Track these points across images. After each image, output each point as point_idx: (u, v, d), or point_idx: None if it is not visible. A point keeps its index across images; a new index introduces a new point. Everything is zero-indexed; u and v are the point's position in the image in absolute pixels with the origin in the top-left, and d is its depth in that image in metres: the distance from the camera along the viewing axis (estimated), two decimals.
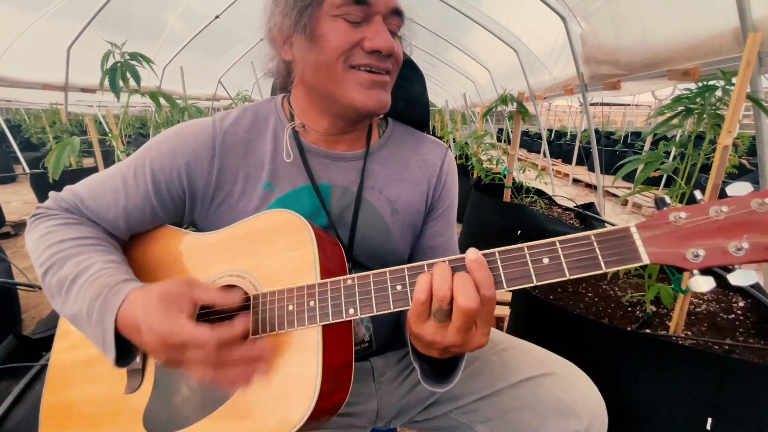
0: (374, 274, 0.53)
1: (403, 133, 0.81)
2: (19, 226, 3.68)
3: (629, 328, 1.22)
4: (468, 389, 0.74)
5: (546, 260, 0.47)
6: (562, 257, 0.46)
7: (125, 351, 0.53)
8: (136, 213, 0.66)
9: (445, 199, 0.80)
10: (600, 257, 0.45)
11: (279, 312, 0.55)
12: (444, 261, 0.49)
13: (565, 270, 0.46)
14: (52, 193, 0.67)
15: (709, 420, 0.93)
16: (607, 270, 0.45)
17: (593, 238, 0.45)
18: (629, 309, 1.35)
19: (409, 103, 0.83)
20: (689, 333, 1.18)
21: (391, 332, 0.80)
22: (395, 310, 0.51)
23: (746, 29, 1.34)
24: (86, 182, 0.68)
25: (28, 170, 5.35)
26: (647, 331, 1.22)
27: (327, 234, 0.63)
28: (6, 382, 0.98)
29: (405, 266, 0.52)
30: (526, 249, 0.47)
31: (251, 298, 0.58)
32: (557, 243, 0.47)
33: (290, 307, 0.55)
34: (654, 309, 1.32)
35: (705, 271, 0.43)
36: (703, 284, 0.42)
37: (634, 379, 1.05)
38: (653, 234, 0.44)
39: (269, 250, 0.60)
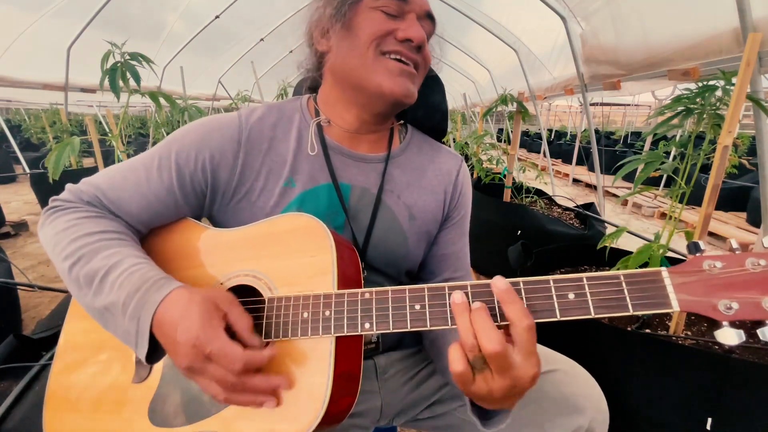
0: (393, 290, 0.52)
1: (421, 141, 0.82)
2: (19, 226, 3.68)
3: (629, 328, 1.22)
4: None
5: (572, 296, 0.46)
6: (588, 295, 0.45)
7: (152, 348, 0.53)
8: (158, 206, 0.65)
9: (460, 209, 0.81)
10: (628, 299, 0.44)
11: (293, 318, 0.55)
12: (467, 286, 0.49)
13: (591, 308, 0.45)
14: (69, 186, 0.66)
15: (709, 420, 0.93)
16: (635, 313, 0.44)
17: (623, 278, 0.44)
18: None
19: (429, 110, 0.84)
20: (689, 333, 1.18)
21: (398, 335, 0.80)
22: (412, 329, 0.50)
23: (746, 29, 1.34)
24: (106, 175, 0.67)
25: (28, 170, 5.35)
26: (647, 331, 1.22)
27: (345, 239, 0.63)
28: (6, 382, 0.98)
29: (425, 285, 0.51)
30: (552, 282, 0.46)
31: (266, 300, 0.57)
32: (584, 279, 0.46)
33: (305, 315, 0.54)
34: None
35: (735, 324, 0.42)
36: (733, 337, 0.42)
37: (635, 378, 1.05)
38: (685, 281, 0.43)
39: (287, 254, 0.59)
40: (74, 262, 0.56)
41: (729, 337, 0.42)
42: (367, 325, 0.52)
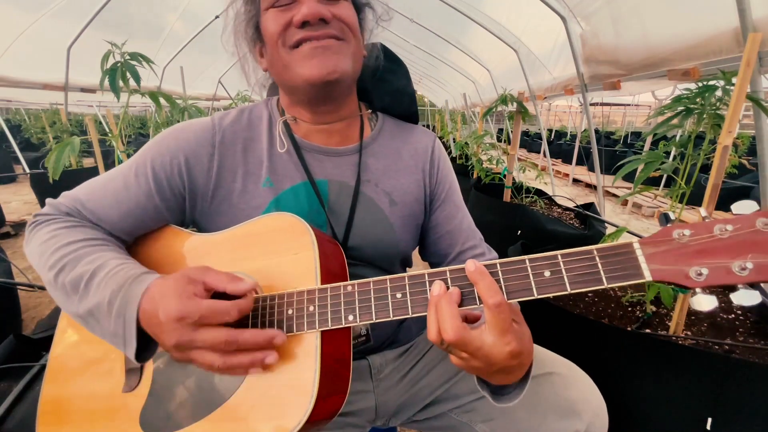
0: (374, 281, 0.53)
1: (392, 125, 0.82)
2: (19, 226, 3.68)
3: (629, 328, 1.22)
4: (468, 388, 0.74)
5: (547, 273, 0.46)
6: (563, 271, 0.46)
7: (144, 346, 0.53)
8: (139, 213, 0.66)
9: (444, 183, 0.81)
10: (602, 272, 0.45)
11: (278, 316, 0.55)
12: (445, 272, 0.50)
13: (567, 284, 0.46)
14: (48, 200, 0.67)
15: (709, 420, 0.93)
16: (609, 285, 0.44)
17: (596, 252, 0.45)
18: (629, 309, 1.35)
19: (395, 95, 0.83)
20: (689, 333, 1.18)
21: (389, 328, 0.80)
22: (394, 318, 0.51)
23: (746, 29, 1.34)
24: (85, 187, 0.68)
25: (28, 170, 5.35)
26: (647, 331, 1.22)
27: (327, 235, 0.64)
28: (6, 382, 0.98)
29: (406, 275, 0.52)
30: (527, 261, 0.47)
31: None
32: (559, 257, 0.47)
33: (290, 312, 0.55)
34: (654, 309, 1.32)
35: (707, 290, 0.43)
36: (706, 303, 0.43)
37: (635, 379, 1.05)
38: (656, 251, 0.43)
39: (270, 253, 0.60)
40: (59, 271, 0.57)
41: (703, 303, 0.43)
42: (350, 317, 0.52)
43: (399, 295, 0.51)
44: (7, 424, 0.82)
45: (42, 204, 4.39)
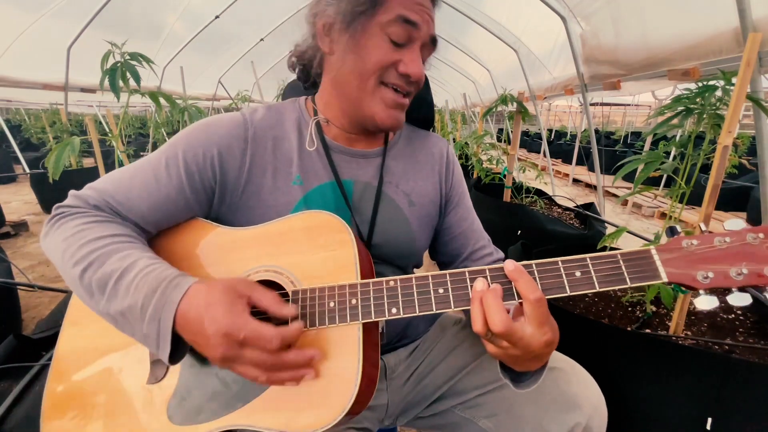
0: (416, 277, 0.56)
1: (409, 131, 0.86)
2: (19, 226, 3.68)
3: (629, 328, 1.22)
4: (472, 384, 0.75)
5: (578, 273, 0.53)
6: (592, 272, 0.52)
7: (174, 347, 0.52)
8: (169, 206, 0.65)
9: (457, 187, 0.85)
10: (626, 274, 0.51)
11: (320, 309, 0.56)
12: (485, 270, 0.55)
13: (595, 283, 0.52)
14: (73, 192, 0.64)
15: (709, 420, 0.93)
16: (632, 285, 0.51)
17: (619, 257, 0.52)
18: (629, 309, 1.35)
19: (417, 103, 0.85)
20: (689, 333, 1.18)
21: (398, 326, 0.81)
22: (437, 311, 0.55)
23: (746, 29, 1.34)
24: (111, 179, 0.65)
25: (28, 170, 5.35)
26: (647, 331, 1.22)
27: (358, 237, 0.65)
28: (6, 382, 0.98)
29: (447, 272, 0.56)
30: (560, 263, 0.53)
31: (290, 293, 0.58)
32: (588, 259, 0.53)
33: (331, 304, 0.56)
34: (654, 309, 1.32)
35: (709, 291, 0.50)
36: (708, 302, 0.50)
37: (634, 379, 1.05)
38: (671, 257, 0.51)
39: (307, 249, 0.61)
40: (85, 268, 0.55)
41: (706, 302, 0.50)
42: (393, 310, 0.55)
43: (441, 291, 0.55)
44: (7, 424, 0.82)
45: (43, 204, 4.39)
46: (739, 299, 0.49)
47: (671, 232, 0.54)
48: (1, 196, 5.08)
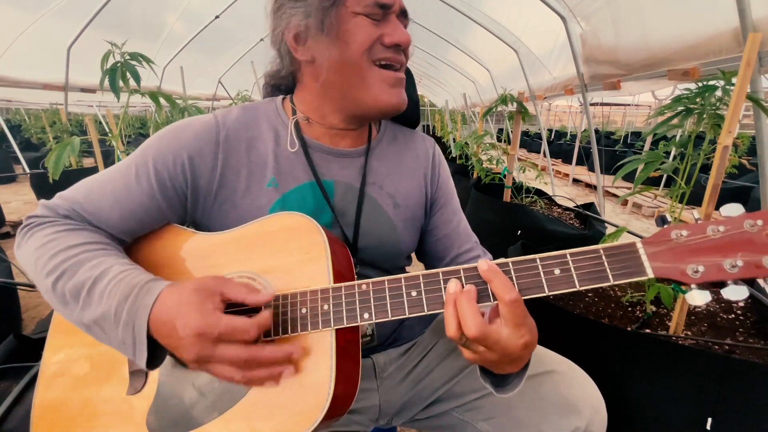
0: (389, 280, 0.54)
1: (395, 130, 0.83)
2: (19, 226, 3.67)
3: (629, 328, 1.22)
4: (470, 387, 0.75)
5: (557, 271, 0.49)
6: (572, 269, 0.49)
7: (152, 353, 0.52)
8: (141, 214, 0.64)
9: (444, 188, 0.83)
10: (608, 270, 0.48)
11: (292, 315, 0.55)
12: (459, 270, 0.52)
13: (576, 281, 0.48)
14: (42, 201, 0.63)
15: (709, 420, 0.93)
16: (615, 282, 0.47)
17: (602, 251, 0.48)
18: (629, 309, 1.35)
19: None
20: (689, 333, 1.18)
21: (391, 326, 0.81)
22: (410, 315, 0.52)
23: (746, 29, 1.34)
24: (81, 188, 0.65)
25: (28, 170, 5.35)
26: (647, 331, 1.22)
27: (335, 237, 0.64)
28: (6, 382, 0.98)
29: (420, 273, 0.54)
30: (538, 260, 0.50)
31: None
32: (568, 255, 0.49)
33: (303, 311, 0.55)
34: (654, 309, 1.32)
35: (702, 286, 0.46)
36: (700, 298, 0.46)
37: (634, 379, 1.05)
38: (657, 250, 0.47)
39: (280, 253, 0.59)
40: (58, 277, 0.54)
41: (698, 298, 0.46)
42: (366, 315, 0.53)
43: (414, 293, 0.52)
44: (6, 424, 0.82)
45: None
46: (735, 293, 0.44)
47: (662, 221, 0.49)
48: (1, 196, 5.07)
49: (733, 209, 0.46)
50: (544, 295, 0.49)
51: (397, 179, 0.77)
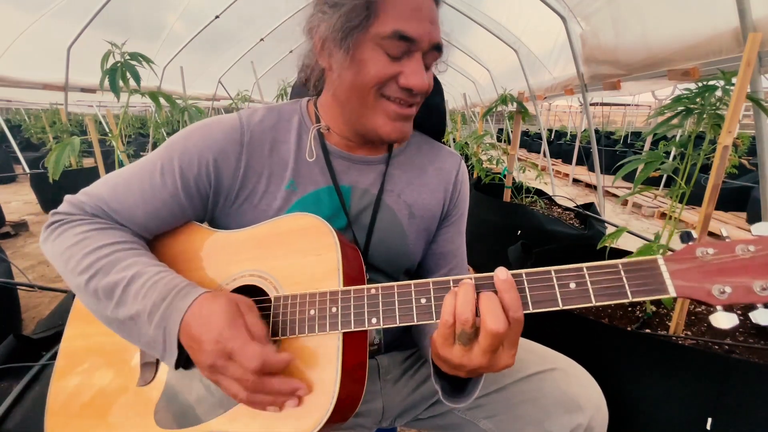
0: (399, 285, 0.53)
1: (420, 141, 0.82)
2: (19, 226, 3.67)
3: (629, 328, 1.22)
4: None
5: (573, 285, 0.47)
6: (589, 283, 0.46)
7: (180, 353, 0.53)
8: (164, 212, 0.65)
9: (459, 207, 0.82)
10: (627, 286, 0.45)
11: (300, 316, 0.55)
12: (470, 278, 0.50)
13: (592, 296, 0.46)
14: (68, 197, 0.64)
15: (709, 420, 0.93)
16: (634, 299, 0.45)
17: (621, 266, 0.46)
18: (629, 309, 1.35)
19: (428, 111, 0.82)
20: (689, 333, 1.18)
21: (398, 335, 0.81)
22: (419, 323, 0.51)
23: (746, 29, 1.34)
24: (106, 184, 0.65)
25: (28, 170, 5.35)
26: (647, 331, 1.22)
27: (347, 240, 0.64)
28: (6, 382, 0.98)
29: (431, 280, 0.52)
30: (553, 273, 0.48)
31: (272, 299, 0.58)
32: (585, 269, 0.47)
33: (312, 312, 0.55)
34: (654, 309, 1.32)
35: (728, 308, 0.43)
36: (726, 321, 0.43)
37: (635, 379, 1.05)
38: (680, 267, 0.44)
39: (292, 253, 0.60)
40: (91, 276, 0.56)
41: (723, 320, 0.43)
42: (374, 320, 0.53)
43: (423, 300, 0.51)
44: (7, 424, 0.82)
45: (43, 204, 4.39)
46: (766, 317, 0.41)
47: (687, 237, 0.46)
48: (1, 196, 5.07)
49: (765, 228, 0.43)
50: (558, 309, 0.47)
51: (417, 189, 0.76)
